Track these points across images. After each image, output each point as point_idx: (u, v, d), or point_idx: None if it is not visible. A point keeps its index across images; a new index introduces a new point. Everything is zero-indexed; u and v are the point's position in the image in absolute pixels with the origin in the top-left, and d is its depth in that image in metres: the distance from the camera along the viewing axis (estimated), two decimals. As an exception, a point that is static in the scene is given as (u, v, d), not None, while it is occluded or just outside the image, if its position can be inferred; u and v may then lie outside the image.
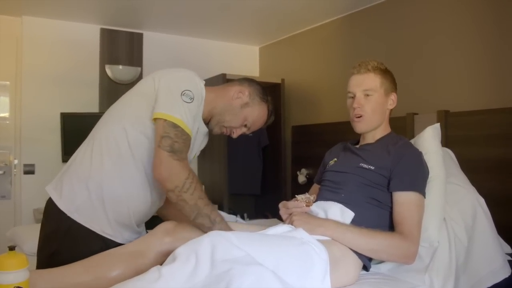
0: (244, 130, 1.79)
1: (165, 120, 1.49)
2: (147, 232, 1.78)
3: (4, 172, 3.48)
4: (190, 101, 1.54)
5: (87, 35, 3.68)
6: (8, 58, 3.50)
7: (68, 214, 1.52)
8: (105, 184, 1.54)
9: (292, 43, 4.07)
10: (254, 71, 4.49)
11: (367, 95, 1.75)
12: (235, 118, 1.73)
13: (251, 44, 4.46)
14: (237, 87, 1.75)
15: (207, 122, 1.73)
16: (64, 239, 1.52)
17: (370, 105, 1.75)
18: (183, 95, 1.53)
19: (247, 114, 1.74)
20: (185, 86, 1.56)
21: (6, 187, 3.49)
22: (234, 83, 1.78)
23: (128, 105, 1.64)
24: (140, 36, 3.86)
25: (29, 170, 3.44)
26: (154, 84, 1.58)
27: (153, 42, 3.93)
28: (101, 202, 1.54)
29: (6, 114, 3.54)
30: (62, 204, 1.54)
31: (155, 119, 1.52)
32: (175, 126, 1.49)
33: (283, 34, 4.09)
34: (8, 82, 3.53)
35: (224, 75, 3.62)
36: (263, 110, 1.79)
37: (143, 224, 1.76)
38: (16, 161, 3.50)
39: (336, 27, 3.52)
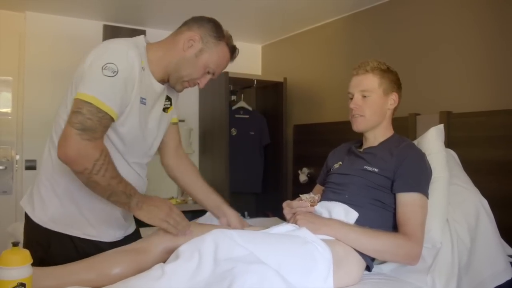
0: (208, 77, 1.61)
1: (80, 99, 1.34)
2: (136, 226, 1.78)
3: (6, 168, 3.48)
4: (113, 74, 1.36)
5: (89, 31, 3.67)
6: (11, 54, 3.49)
7: (44, 225, 1.49)
8: (71, 185, 1.48)
9: (295, 42, 4.06)
10: (256, 70, 4.49)
11: (365, 96, 1.76)
12: (194, 69, 1.56)
13: (253, 42, 4.45)
14: (186, 33, 1.56)
15: (166, 82, 1.60)
16: (49, 249, 1.49)
17: (367, 105, 1.76)
18: (104, 69, 1.36)
19: (206, 60, 1.55)
20: (108, 58, 1.38)
21: (7, 183, 3.49)
22: (183, 30, 1.58)
23: (69, 95, 1.49)
24: (142, 33, 3.83)
25: (30, 166, 3.43)
26: (83, 67, 1.42)
27: (156, 39, 3.83)
28: (74, 205, 1.50)
29: (8, 110, 3.53)
30: (36, 217, 1.50)
31: (74, 100, 1.37)
32: (89, 104, 1.33)
33: (286, 32, 4.08)
34: (10, 78, 3.52)
35: (226, 73, 3.62)
36: (222, 50, 1.58)
37: (132, 217, 1.70)
38: (17, 157, 3.50)
39: (340, 27, 3.52)
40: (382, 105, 1.78)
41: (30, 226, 1.53)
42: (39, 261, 1.41)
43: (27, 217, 1.54)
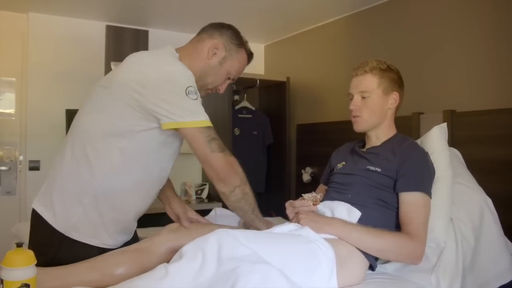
0: (228, 82, 1.69)
1: (197, 127, 1.42)
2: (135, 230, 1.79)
3: (10, 168, 3.49)
4: (196, 96, 1.42)
5: (92, 32, 3.69)
6: (14, 55, 3.51)
7: (66, 234, 1.47)
8: (100, 196, 1.48)
9: (297, 42, 4.06)
10: (259, 69, 4.49)
11: (364, 97, 1.76)
12: (218, 77, 1.63)
13: (256, 42, 4.44)
14: (209, 42, 1.60)
15: None
16: (59, 251, 1.49)
17: (366, 106, 1.76)
18: (188, 94, 1.40)
19: (228, 67, 1.63)
20: (183, 82, 1.42)
21: (11, 183, 3.50)
22: (204, 38, 1.62)
23: (115, 115, 1.46)
24: (145, 34, 3.86)
25: (34, 166, 3.45)
26: (139, 90, 1.41)
27: (159, 39, 3.92)
28: (99, 215, 1.49)
29: (12, 110, 3.55)
30: (58, 224, 1.48)
31: (177, 129, 1.43)
32: (208, 128, 1.44)
33: (288, 32, 4.08)
34: (14, 79, 3.54)
35: (229, 72, 3.62)
36: (242, 56, 1.66)
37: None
38: (21, 157, 3.51)
39: (342, 26, 3.51)
40: (382, 105, 1.77)
41: (43, 229, 1.50)
42: (47, 263, 1.42)
43: (42, 221, 1.50)
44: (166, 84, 1.41)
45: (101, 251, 1.51)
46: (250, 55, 1.71)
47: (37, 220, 1.52)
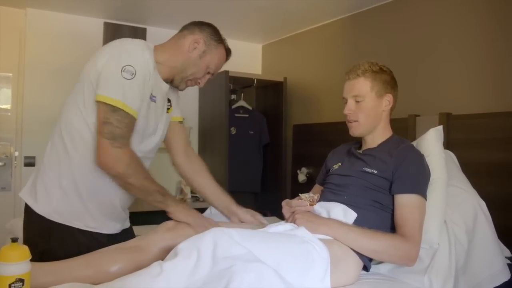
0: (208, 76, 1.76)
1: (105, 103, 1.44)
2: (130, 224, 1.83)
3: (5, 164, 3.48)
4: (132, 76, 1.46)
5: (90, 28, 3.68)
6: (11, 50, 3.49)
7: (48, 217, 1.52)
8: (78, 178, 1.54)
9: (295, 42, 4.06)
10: (256, 69, 4.49)
11: (358, 101, 1.76)
12: (197, 69, 1.69)
13: (254, 41, 4.45)
14: (190, 37, 1.68)
15: (169, 82, 1.71)
16: (50, 241, 1.52)
17: (361, 110, 1.76)
18: (123, 71, 1.45)
19: (208, 61, 1.69)
20: (125, 61, 1.47)
21: (6, 179, 3.49)
22: (184, 34, 1.70)
23: (82, 93, 1.54)
24: (143, 31, 3.85)
25: (29, 162, 3.44)
26: (96, 65, 1.50)
27: (157, 37, 3.87)
28: (78, 197, 1.54)
29: (8, 106, 3.53)
30: (40, 208, 1.54)
31: (96, 102, 1.47)
32: (115, 110, 1.44)
33: (286, 32, 4.09)
34: (10, 74, 3.52)
35: (226, 72, 3.62)
36: (221, 52, 1.74)
37: (127, 211, 1.77)
38: (16, 153, 3.50)
39: (340, 27, 3.52)
40: (376, 108, 1.77)
41: (32, 218, 1.55)
42: (40, 254, 1.44)
43: (28, 210, 1.57)
44: (112, 59, 1.49)
45: (95, 240, 1.54)
46: (228, 52, 1.77)
47: (27, 212, 1.58)
